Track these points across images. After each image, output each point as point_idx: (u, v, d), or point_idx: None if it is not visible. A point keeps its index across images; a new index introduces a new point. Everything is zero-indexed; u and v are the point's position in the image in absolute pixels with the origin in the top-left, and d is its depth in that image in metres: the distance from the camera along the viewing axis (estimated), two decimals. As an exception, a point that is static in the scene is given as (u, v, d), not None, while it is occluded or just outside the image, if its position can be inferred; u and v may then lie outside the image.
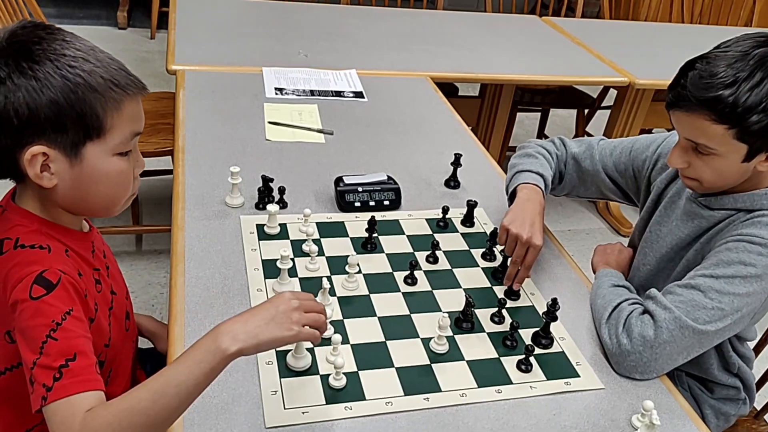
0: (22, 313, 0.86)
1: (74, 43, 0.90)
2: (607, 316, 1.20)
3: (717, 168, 1.16)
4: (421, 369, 1.12)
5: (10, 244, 0.91)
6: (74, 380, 0.83)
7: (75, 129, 0.88)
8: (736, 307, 1.12)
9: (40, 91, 0.85)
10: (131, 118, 0.93)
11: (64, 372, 0.82)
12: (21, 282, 0.87)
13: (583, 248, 2.93)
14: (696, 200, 1.27)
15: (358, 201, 1.49)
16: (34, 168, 0.88)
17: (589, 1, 3.90)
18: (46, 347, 0.83)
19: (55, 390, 0.82)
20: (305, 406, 1.02)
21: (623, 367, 1.15)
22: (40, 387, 0.82)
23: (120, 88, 0.91)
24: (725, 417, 1.38)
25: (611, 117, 3.02)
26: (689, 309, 1.12)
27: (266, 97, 1.95)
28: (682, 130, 1.17)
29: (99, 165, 0.92)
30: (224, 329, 0.86)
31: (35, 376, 0.83)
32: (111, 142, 0.92)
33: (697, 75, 1.11)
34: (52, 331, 0.84)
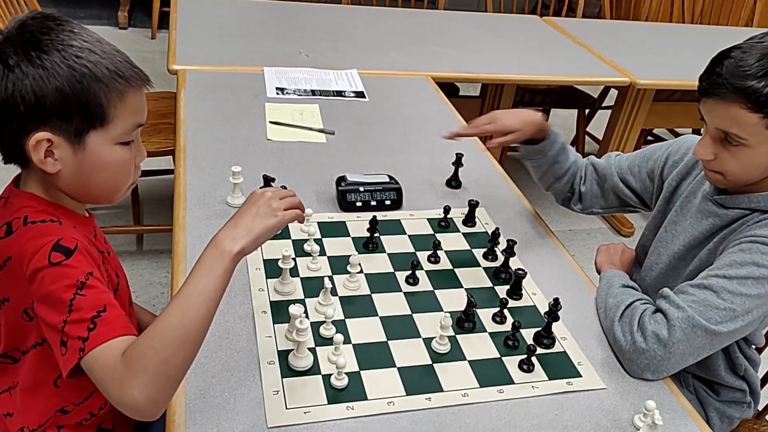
0: (43, 280, 0.87)
1: (81, 35, 0.92)
2: (620, 315, 1.20)
3: (744, 160, 1.15)
4: (423, 369, 1.12)
5: (19, 222, 0.93)
6: (109, 327, 0.85)
7: (79, 117, 0.90)
8: (747, 308, 1.12)
9: (47, 80, 0.88)
10: (134, 109, 0.96)
11: (98, 322, 0.85)
12: (38, 252, 0.88)
13: (584, 248, 2.93)
14: (712, 198, 1.27)
15: (360, 201, 1.49)
16: (38, 153, 0.91)
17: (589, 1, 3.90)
18: (75, 304, 0.85)
19: (91, 339, 0.83)
20: (307, 405, 1.02)
21: (636, 365, 1.15)
22: (75, 341, 0.84)
23: (124, 80, 0.93)
24: (729, 420, 1.38)
25: (612, 117, 3.02)
26: (702, 309, 1.12)
27: (267, 97, 1.94)
28: (714, 119, 1.16)
29: (101, 153, 0.94)
30: (221, 237, 0.91)
31: (68, 333, 0.84)
32: (114, 132, 0.94)
33: (733, 63, 1.11)
34: (78, 289, 0.86)
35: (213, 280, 0.87)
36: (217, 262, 0.89)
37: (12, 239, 0.91)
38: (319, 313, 1.18)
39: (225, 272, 0.89)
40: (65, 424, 1.06)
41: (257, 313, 1.17)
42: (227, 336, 1.12)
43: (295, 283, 1.25)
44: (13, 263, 0.91)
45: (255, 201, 0.96)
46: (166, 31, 2.53)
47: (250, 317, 1.16)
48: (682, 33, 3.23)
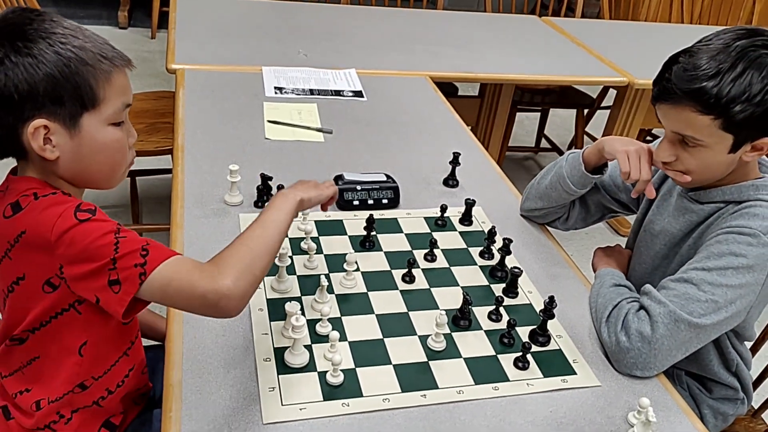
0: (74, 238, 0.90)
1: (62, 23, 0.95)
2: (607, 315, 1.20)
3: (704, 159, 1.17)
4: (419, 366, 1.12)
5: (28, 199, 0.94)
6: (163, 250, 0.93)
7: (72, 101, 0.93)
8: (729, 299, 1.13)
9: (37, 67, 0.90)
10: (121, 89, 0.99)
11: (149, 249, 0.91)
12: (61, 215, 0.91)
13: (582, 248, 2.93)
14: (686, 195, 1.29)
15: (357, 199, 1.50)
16: (38, 140, 0.93)
17: (588, 2, 3.90)
18: (119, 244, 0.90)
19: (150, 262, 0.90)
20: (303, 402, 1.02)
21: (623, 365, 1.16)
22: (131, 271, 0.89)
23: (108, 60, 0.96)
24: (723, 417, 1.39)
25: (611, 117, 3.03)
26: (683, 302, 1.13)
27: (266, 96, 1.95)
28: (669, 123, 1.18)
29: (96, 135, 0.97)
30: (285, 191, 1.08)
31: (120, 268, 0.89)
32: (105, 113, 0.97)
33: (681, 68, 1.13)
34: (117, 233, 0.91)
35: (284, 213, 1.03)
36: (285, 203, 1.04)
37: (23, 214, 0.93)
38: (315, 311, 1.19)
39: (291, 210, 1.04)
40: (80, 406, 1.06)
41: (254, 311, 1.17)
42: (224, 333, 1.12)
43: (292, 280, 1.26)
44: (28, 236, 0.92)
45: (304, 182, 1.14)
46: (166, 31, 2.53)
47: (246, 314, 1.17)
48: (681, 33, 3.21)
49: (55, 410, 1.05)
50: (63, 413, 1.06)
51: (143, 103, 2.52)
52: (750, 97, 1.08)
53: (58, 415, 1.05)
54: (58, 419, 1.05)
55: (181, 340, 1.10)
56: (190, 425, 0.96)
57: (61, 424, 1.06)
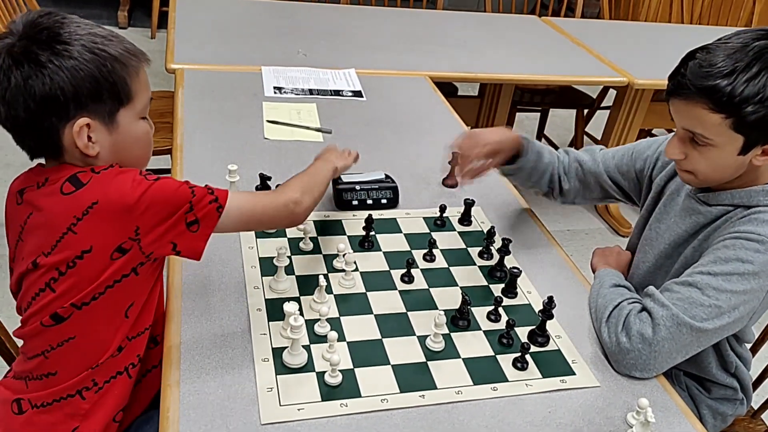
0: (154, 193, 0.97)
1: (87, 25, 1.01)
2: (608, 315, 1.20)
3: (713, 160, 1.16)
4: (417, 366, 1.12)
5: (86, 175, 0.99)
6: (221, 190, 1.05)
7: (111, 98, 0.99)
8: (733, 304, 1.12)
9: (79, 69, 0.95)
10: (146, 84, 1.06)
11: (214, 189, 1.04)
12: (134, 180, 0.98)
13: (582, 248, 2.93)
14: (695, 196, 1.27)
15: (356, 199, 1.49)
16: (83, 139, 0.98)
17: (588, 2, 3.90)
18: (195, 191, 1.01)
19: (220, 196, 1.03)
20: (301, 402, 1.02)
21: (623, 366, 1.15)
22: (208, 206, 1.01)
23: (135, 57, 1.03)
24: (722, 417, 1.38)
25: (610, 117, 3.03)
26: (687, 306, 1.12)
27: (265, 96, 1.95)
28: (680, 120, 1.17)
29: (131, 128, 1.04)
30: (325, 156, 1.35)
31: (198, 208, 1.00)
32: (137, 107, 1.04)
33: (696, 64, 1.12)
34: (188, 184, 1.02)
35: (325, 170, 1.28)
36: (325, 165, 1.30)
37: (90, 186, 0.97)
38: (314, 311, 1.18)
39: (330, 171, 1.30)
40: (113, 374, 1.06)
41: (252, 311, 1.17)
42: (222, 333, 1.12)
43: (290, 280, 1.25)
44: (101, 206, 0.96)
45: (331, 151, 1.38)
46: (166, 31, 2.53)
47: (245, 315, 1.16)
48: (680, 33, 3.23)
49: (90, 377, 1.04)
50: (97, 381, 1.05)
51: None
52: (764, 99, 1.07)
53: (92, 382, 1.05)
54: (92, 386, 1.05)
55: (179, 339, 1.09)
56: (188, 425, 0.96)
57: (92, 393, 1.05)
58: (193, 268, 1.24)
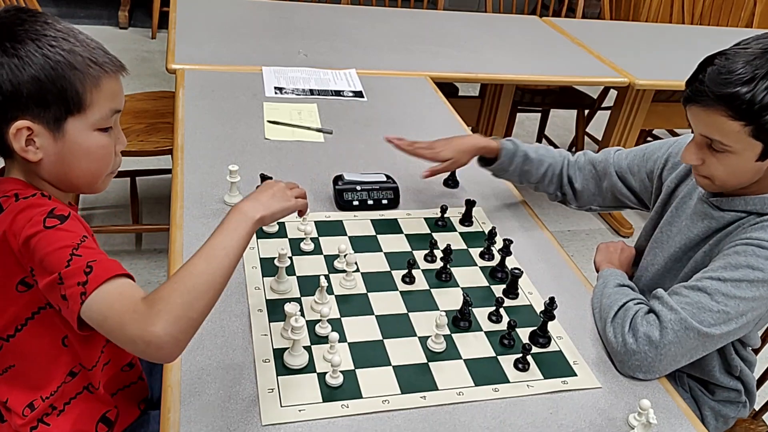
0: (38, 243, 0.89)
1: (54, 25, 0.94)
2: (613, 315, 1.20)
3: (730, 166, 1.15)
4: (418, 367, 1.12)
5: (9, 200, 0.95)
6: (107, 268, 0.87)
7: (56, 104, 0.93)
8: (741, 311, 1.12)
9: (22, 68, 0.90)
10: (110, 95, 0.98)
11: (93, 266, 0.87)
12: (31, 220, 0.90)
13: (583, 249, 2.93)
14: (707, 200, 1.26)
15: (357, 200, 1.49)
16: (19, 141, 0.93)
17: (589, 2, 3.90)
18: (72, 261, 0.87)
19: (91, 281, 0.85)
20: (302, 403, 1.02)
21: (627, 366, 1.15)
22: (75, 288, 0.85)
23: (98, 66, 0.95)
24: (725, 419, 1.38)
25: (611, 117, 3.02)
26: (695, 311, 1.12)
27: (266, 96, 1.95)
28: (698, 126, 1.16)
29: (81, 140, 0.96)
30: (243, 205, 0.99)
31: (66, 284, 0.86)
32: (91, 118, 0.96)
33: (715, 71, 1.10)
34: (75, 249, 0.88)
35: (236, 239, 0.94)
36: (240, 224, 0.96)
37: (4, 215, 0.93)
38: (315, 312, 1.18)
39: (247, 233, 0.95)
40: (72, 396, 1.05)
41: (253, 312, 1.17)
42: (223, 334, 1.12)
43: (291, 281, 1.25)
44: (3, 237, 0.92)
45: (270, 186, 1.06)
46: (166, 31, 2.53)
47: (246, 315, 1.16)
48: (681, 34, 3.23)
49: (48, 404, 1.04)
50: (56, 405, 1.05)
51: (143, 103, 2.52)
52: None
53: (51, 408, 1.05)
54: (51, 411, 1.05)
55: (180, 341, 1.09)
56: (189, 427, 0.96)
57: (54, 416, 1.05)
58: (194, 268, 1.24)
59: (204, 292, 0.87)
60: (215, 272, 0.89)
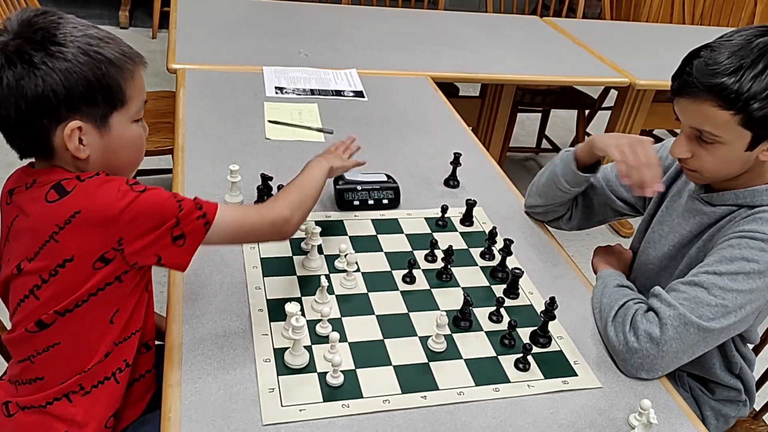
0: (139, 206, 0.96)
1: (84, 26, 0.99)
2: (614, 315, 1.20)
3: (720, 157, 1.17)
4: (419, 367, 1.12)
5: (72, 182, 0.98)
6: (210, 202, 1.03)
7: (104, 101, 0.98)
8: (739, 303, 1.12)
9: (73, 71, 0.94)
10: (141, 87, 1.04)
11: (199, 202, 1.02)
12: (118, 191, 0.96)
13: (583, 249, 2.93)
14: (698, 197, 1.27)
15: (357, 200, 1.49)
16: (74, 141, 0.97)
17: (590, 2, 3.90)
18: (182, 204, 0.99)
19: (207, 212, 1.01)
20: (302, 403, 1.02)
21: (630, 365, 1.15)
22: (195, 222, 0.99)
23: (131, 60, 1.01)
24: (725, 419, 1.38)
25: (612, 117, 3.02)
26: (693, 306, 1.12)
27: (266, 96, 1.95)
28: (687, 118, 1.18)
29: (123, 132, 1.02)
30: (318, 158, 1.32)
31: (185, 223, 0.98)
32: (131, 110, 1.02)
33: (702, 62, 1.12)
34: (175, 197, 0.99)
35: (319, 173, 1.25)
36: (320, 166, 1.27)
37: (74, 195, 0.96)
38: (316, 312, 1.18)
39: (323, 173, 1.27)
40: (100, 379, 1.05)
41: (254, 311, 1.17)
42: (223, 334, 1.12)
43: (293, 281, 1.25)
44: (84, 215, 0.95)
45: (332, 151, 1.39)
46: (167, 31, 2.53)
47: (246, 315, 1.16)
48: (682, 34, 3.23)
49: (78, 382, 1.04)
50: (84, 385, 1.05)
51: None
52: None
53: (79, 387, 1.05)
54: (78, 390, 1.05)
55: (181, 340, 1.09)
56: (190, 426, 0.96)
57: (79, 396, 1.05)
58: (195, 268, 1.24)
59: (308, 196, 1.19)
60: (309, 188, 1.20)
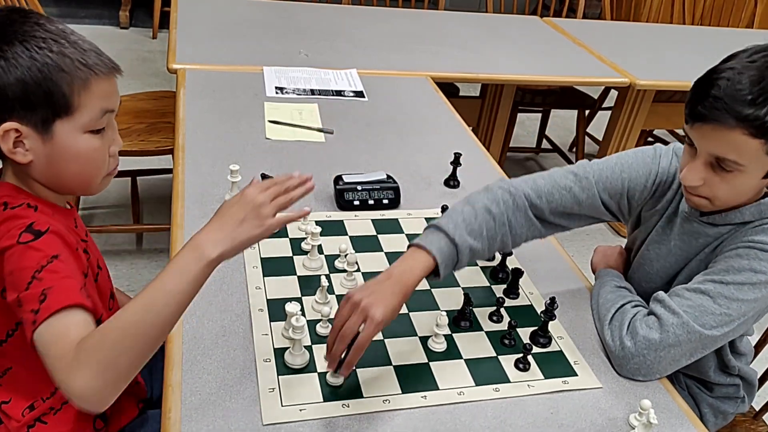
0: (9, 257, 0.88)
1: (45, 26, 0.93)
2: (610, 318, 1.19)
3: (736, 185, 1.10)
4: (419, 367, 1.12)
5: None
6: (61, 296, 0.84)
7: (43, 107, 0.91)
8: (742, 312, 1.12)
9: (8, 70, 0.89)
10: (101, 96, 0.96)
11: (48, 294, 0.84)
12: (8, 232, 0.90)
13: (583, 249, 2.93)
14: (697, 219, 1.21)
15: (357, 200, 1.49)
16: (7, 143, 0.92)
17: (590, 2, 3.90)
18: (31, 286, 0.85)
19: (42, 310, 0.83)
20: (302, 403, 1.02)
21: (626, 369, 1.15)
22: (28, 313, 0.84)
23: (87, 67, 0.93)
24: (723, 415, 1.38)
25: (612, 118, 3.02)
26: (697, 314, 1.11)
27: (267, 96, 1.95)
28: (708, 145, 1.08)
29: (70, 142, 0.95)
30: (202, 238, 0.87)
31: (23, 303, 0.85)
32: (80, 120, 0.94)
33: (731, 87, 1.03)
34: (38, 272, 0.86)
35: (184, 284, 0.84)
36: (192, 266, 0.85)
37: None
38: (316, 312, 1.18)
39: (198, 277, 0.86)
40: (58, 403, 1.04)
41: (254, 311, 1.17)
42: (224, 333, 1.12)
43: (293, 281, 1.25)
44: None
45: (245, 205, 0.91)
46: (167, 31, 2.53)
47: (246, 315, 1.16)
48: (682, 34, 3.23)
49: (48, 406, 1.04)
50: (54, 405, 1.04)
51: (144, 103, 2.52)
52: None
53: (49, 408, 1.04)
54: (49, 411, 1.04)
55: (181, 340, 1.09)
56: (190, 426, 0.96)
57: (51, 415, 1.05)
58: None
59: (135, 345, 0.81)
60: (152, 325, 0.82)
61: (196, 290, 0.86)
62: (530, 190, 1.26)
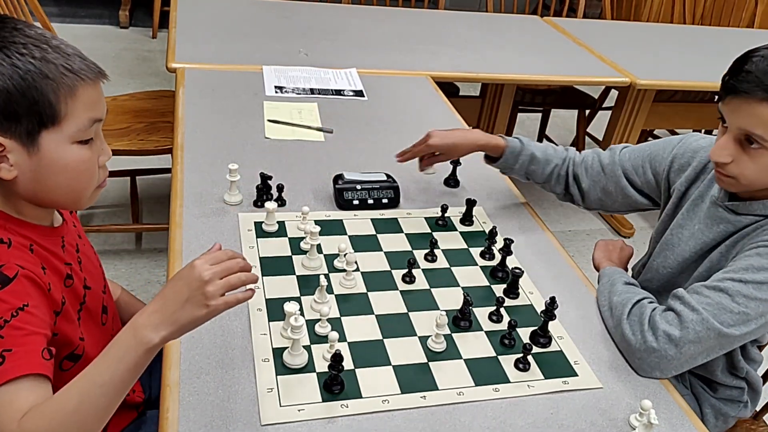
0: None
1: (25, 31, 0.88)
2: (628, 313, 1.19)
3: (763, 164, 1.12)
4: (419, 367, 1.11)
5: None
6: (19, 363, 0.81)
7: (28, 117, 0.86)
8: (761, 312, 1.11)
9: None
10: (88, 104, 0.91)
11: (7, 357, 0.80)
12: None
13: (583, 249, 2.93)
14: (722, 205, 1.24)
15: (357, 199, 1.49)
16: None
17: (590, 2, 3.89)
18: None
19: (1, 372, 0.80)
20: (301, 403, 1.01)
21: (646, 364, 1.14)
22: None
23: (73, 74, 0.88)
24: (724, 418, 1.37)
25: (612, 117, 3.02)
26: (716, 312, 1.11)
27: (266, 95, 1.94)
28: (738, 119, 1.11)
29: (58, 154, 0.90)
30: (142, 322, 0.84)
31: None
32: (68, 130, 0.89)
33: (763, 63, 1.06)
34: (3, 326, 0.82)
35: (120, 373, 0.82)
36: (129, 353, 0.82)
37: None
38: (315, 311, 1.18)
39: (136, 365, 0.82)
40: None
41: (252, 311, 1.17)
42: (222, 333, 1.11)
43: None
44: None
45: (188, 282, 0.86)
46: (167, 31, 2.53)
47: (245, 314, 1.16)
48: (682, 34, 3.22)
49: None
50: None
51: (143, 102, 2.52)
52: None
53: None
54: None
55: (179, 340, 1.09)
56: (188, 426, 0.95)
57: None
58: (194, 267, 1.23)
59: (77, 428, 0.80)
60: (87, 415, 0.80)
61: (135, 377, 0.84)
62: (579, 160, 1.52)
